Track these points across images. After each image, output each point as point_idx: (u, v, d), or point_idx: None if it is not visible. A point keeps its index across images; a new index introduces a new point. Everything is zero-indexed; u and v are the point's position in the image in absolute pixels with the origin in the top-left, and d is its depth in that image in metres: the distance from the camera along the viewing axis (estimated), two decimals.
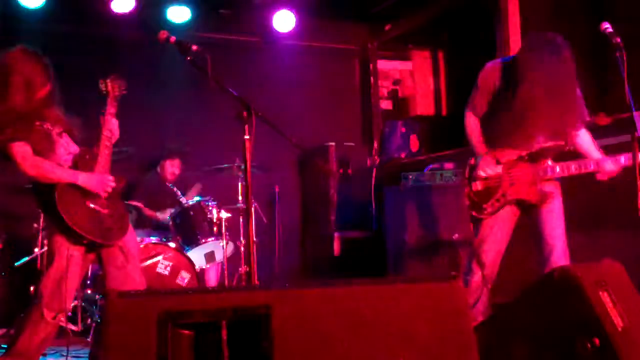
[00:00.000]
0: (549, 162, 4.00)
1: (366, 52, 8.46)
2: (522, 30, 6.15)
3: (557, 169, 3.96)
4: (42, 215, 5.40)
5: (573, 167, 3.93)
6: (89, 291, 5.54)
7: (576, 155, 4.06)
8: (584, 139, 4.07)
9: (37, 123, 3.64)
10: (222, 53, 6.30)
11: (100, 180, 3.73)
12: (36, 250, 5.57)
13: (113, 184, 3.78)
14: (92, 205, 3.68)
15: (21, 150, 3.56)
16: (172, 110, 7.15)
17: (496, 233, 4.09)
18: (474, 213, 4.07)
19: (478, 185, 4.08)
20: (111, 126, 3.85)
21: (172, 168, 6.58)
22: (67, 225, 3.54)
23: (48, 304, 3.61)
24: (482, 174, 4.06)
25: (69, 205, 3.58)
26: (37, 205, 3.86)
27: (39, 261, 5.55)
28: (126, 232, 3.81)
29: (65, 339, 5.43)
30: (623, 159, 3.86)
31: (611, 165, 3.88)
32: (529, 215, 4.07)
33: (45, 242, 3.76)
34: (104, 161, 3.79)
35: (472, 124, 4.20)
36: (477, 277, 4.08)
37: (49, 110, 3.72)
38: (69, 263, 3.62)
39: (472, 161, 4.18)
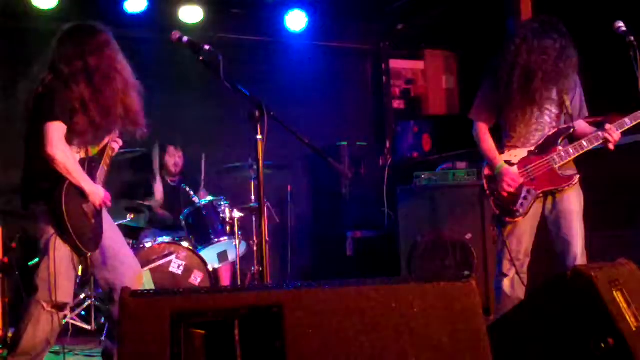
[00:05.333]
0: (560, 148, 4.06)
1: (378, 51, 8.45)
2: None
3: (571, 151, 4.05)
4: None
5: (584, 143, 4.03)
6: (101, 290, 5.56)
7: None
8: (581, 124, 4.18)
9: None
10: (234, 53, 6.32)
11: (105, 196, 3.80)
12: None
13: (109, 204, 3.86)
14: (86, 211, 3.70)
15: (60, 131, 3.57)
16: (185, 110, 7.17)
17: (524, 233, 4.11)
18: (507, 219, 4.08)
19: (502, 192, 4.08)
20: (116, 145, 4.02)
21: (173, 159, 6.59)
22: (63, 222, 3.54)
23: (45, 296, 3.60)
24: (509, 189, 4.05)
25: (70, 204, 3.59)
26: (27, 194, 3.74)
27: None
28: (97, 247, 3.81)
29: (75, 338, 5.51)
30: (628, 121, 3.97)
31: (617, 132, 3.97)
32: (552, 212, 4.10)
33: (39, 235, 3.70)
34: (103, 174, 3.88)
35: (482, 132, 4.22)
36: (507, 280, 4.11)
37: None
38: (60, 256, 3.62)
39: (487, 171, 4.18)
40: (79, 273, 5.29)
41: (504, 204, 4.08)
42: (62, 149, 3.56)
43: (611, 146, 3.99)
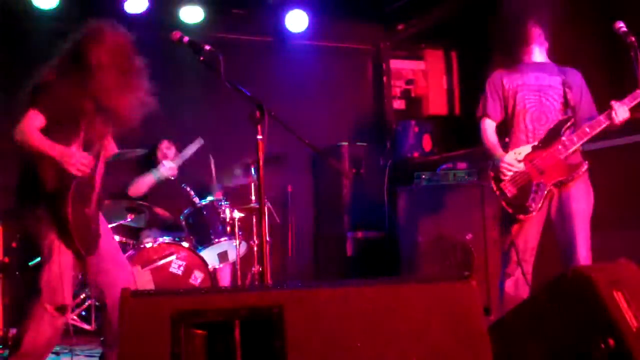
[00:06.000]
0: (564, 138, 4.06)
1: (379, 52, 8.44)
2: None
3: (575, 139, 4.05)
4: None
5: (587, 129, 4.02)
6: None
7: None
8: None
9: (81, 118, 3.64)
10: (235, 53, 6.31)
11: (79, 156, 3.57)
12: None
13: (89, 167, 3.62)
14: (87, 215, 3.68)
15: (34, 120, 3.53)
16: (185, 111, 7.16)
17: (531, 232, 4.12)
18: (521, 216, 4.07)
19: (512, 190, 4.09)
20: (112, 149, 4.02)
21: (165, 150, 6.59)
22: (68, 228, 3.53)
23: (49, 298, 3.61)
24: (507, 173, 4.08)
25: (75, 210, 3.57)
26: (26, 195, 3.71)
27: None
28: (95, 252, 3.78)
29: (75, 338, 5.50)
30: (627, 102, 3.93)
31: (622, 111, 3.93)
32: (558, 212, 4.10)
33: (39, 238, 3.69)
34: (99, 172, 3.86)
35: (487, 129, 4.24)
36: (511, 281, 4.12)
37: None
38: (64, 259, 3.61)
39: (492, 173, 4.19)
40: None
41: (516, 202, 4.08)
42: (26, 132, 3.51)
43: (615, 121, 3.94)
